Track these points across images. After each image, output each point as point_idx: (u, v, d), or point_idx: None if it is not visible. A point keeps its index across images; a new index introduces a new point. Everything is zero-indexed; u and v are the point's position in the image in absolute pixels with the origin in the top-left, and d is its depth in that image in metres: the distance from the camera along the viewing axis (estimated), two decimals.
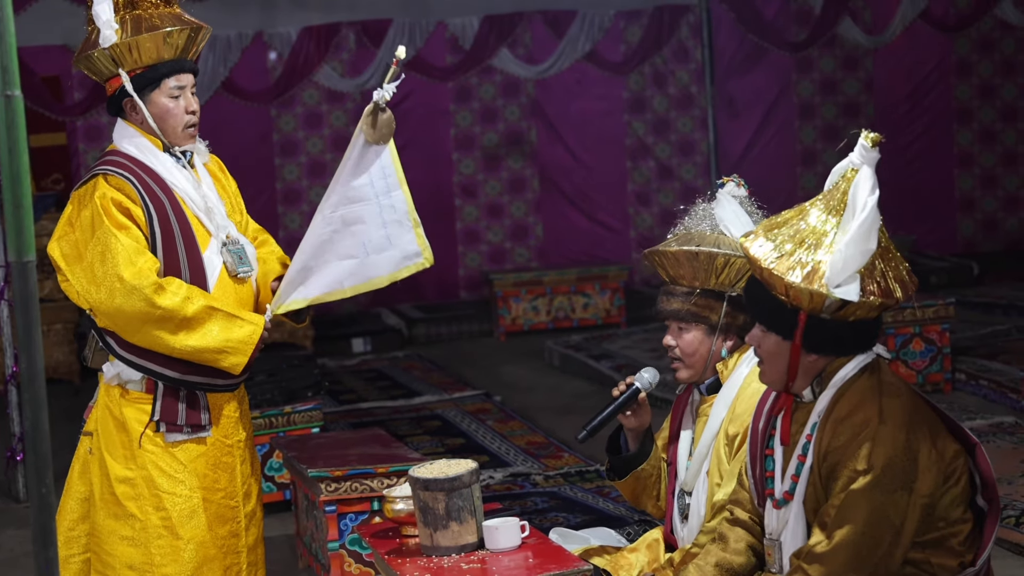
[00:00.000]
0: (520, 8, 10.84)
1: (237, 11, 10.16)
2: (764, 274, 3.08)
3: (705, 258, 3.59)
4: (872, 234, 3.00)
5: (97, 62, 3.86)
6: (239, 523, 3.98)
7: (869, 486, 3.01)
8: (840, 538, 3.03)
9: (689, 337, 3.66)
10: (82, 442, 3.98)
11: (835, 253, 3.00)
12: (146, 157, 3.90)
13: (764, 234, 3.12)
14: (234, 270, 3.95)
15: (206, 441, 3.92)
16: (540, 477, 6.61)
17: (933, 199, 11.68)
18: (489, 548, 3.49)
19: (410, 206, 3.94)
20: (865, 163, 3.04)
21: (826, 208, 3.08)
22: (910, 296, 3.07)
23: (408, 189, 3.94)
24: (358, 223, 3.92)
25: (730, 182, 3.74)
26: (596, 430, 3.71)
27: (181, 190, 3.91)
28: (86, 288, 3.79)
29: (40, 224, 8.66)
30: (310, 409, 6.45)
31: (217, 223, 3.94)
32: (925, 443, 3.05)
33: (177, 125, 3.91)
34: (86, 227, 3.80)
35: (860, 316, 3.06)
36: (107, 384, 3.92)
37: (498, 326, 10.45)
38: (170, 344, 3.79)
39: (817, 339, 3.09)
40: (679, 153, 11.65)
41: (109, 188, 3.80)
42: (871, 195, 3.00)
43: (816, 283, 3.00)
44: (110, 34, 3.80)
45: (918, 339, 7.59)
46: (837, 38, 11.29)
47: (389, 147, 3.92)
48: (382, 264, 3.95)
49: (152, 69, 3.86)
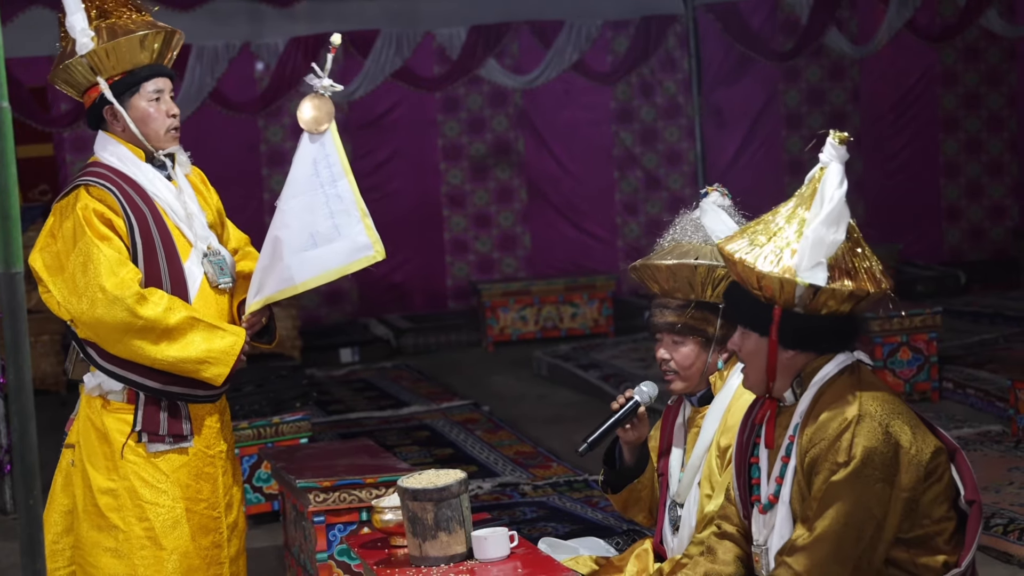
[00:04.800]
0: (507, 18, 10.85)
1: (224, 22, 10.15)
2: (738, 267, 3.13)
3: (704, 271, 3.57)
4: (840, 224, 3.07)
5: (75, 72, 3.86)
6: (221, 534, 3.97)
7: (850, 477, 3.03)
8: (822, 529, 3.05)
9: (685, 350, 3.64)
10: (64, 454, 3.96)
11: (802, 240, 3.06)
12: (127, 168, 3.89)
13: (739, 234, 3.20)
14: (215, 281, 3.94)
15: (188, 451, 3.90)
16: (529, 487, 6.61)
17: (919, 208, 11.71)
18: (478, 558, 3.48)
19: (357, 196, 3.85)
20: (834, 159, 3.13)
21: (797, 203, 3.15)
22: (884, 293, 3.10)
23: (354, 179, 3.85)
24: (306, 214, 3.85)
25: (714, 191, 3.74)
26: (596, 444, 3.67)
27: (162, 200, 3.90)
28: (67, 299, 3.78)
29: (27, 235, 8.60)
30: (298, 420, 6.45)
31: (197, 233, 3.93)
32: (905, 436, 3.08)
33: (160, 128, 3.90)
34: (68, 238, 3.80)
35: (833, 308, 3.10)
36: (88, 395, 3.91)
37: (486, 336, 10.45)
38: (151, 355, 3.78)
39: (793, 333, 3.13)
40: (666, 163, 11.68)
41: (91, 199, 3.80)
42: (839, 188, 3.08)
43: (783, 270, 3.05)
44: (87, 41, 3.80)
45: (905, 348, 7.61)
46: (823, 48, 11.32)
47: (332, 136, 3.86)
48: (332, 256, 3.86)
49: (130, 74, 3.86)
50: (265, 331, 4.07)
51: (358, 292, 11.25)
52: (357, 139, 11.13)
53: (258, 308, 3.97)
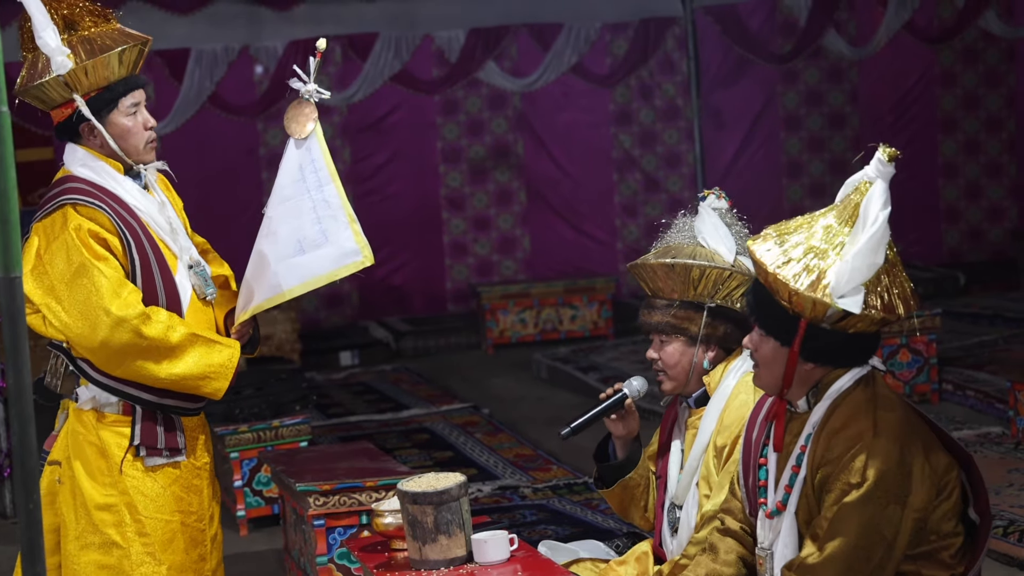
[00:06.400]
0: (506, 21, 10.86)
1: (223, 25, 10.15)
2: (769, 279, 3.08)
3: (681, 270, 3.61)
4: (880, 248, 3.01)
5: (50, 90, 3.73)
6: (206, 546, 3.92)
7: (862, 499, 3.01)
8: (832, 550, 3.03)
9: (670, 349, 3.67)
10: (47, 472, 3.83)
11: (842, 263, 3.00)
12: (106, 182, 3.78)
13: (772, 238, 3.12)
14: (203, 293, 3.87)
15: (180, 465, 3.85)
16: (529, 490, 6.61)
17: (918, 209, 11.71)
18: (478, 561, 3.48)
19: (344, 201, 3.79)
20: (880, 177, 3.06)
21: (837, 218, 3.09)
22: (911, 314, 3.07)
23: (341, 184, 3.80)
24: (293, 220, 3.80)
25: (711, 194, 3.76)
26: (580, 429, 3.72)
27: (146, 214, 3.81)
28: (65, 323, 3.66)
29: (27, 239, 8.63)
30: (298, 423, 6.45)
31: (181, 245, 3.86)
32: (919, 457, 3.05)
33: (139, 143, 3.81)
34: (61, 260, 3.68)
35: (860, 329, 3.07)
36: (79, 409, 3.79)
37: (486, 339, 10.45)
38: (155, 374, 3.71)
39: (816, 348, 3.09)
40: (665, 165, 11.68)
41: (81, 219, 3.69)
42: (883, 210, 3.01)
43: (820, 292, 3.00)
44: (63, 60, 3.67)
45: (905, 350, 7.61)
46: (822, 50, 11.32)
47: (318, 141, 3.82)
48: (319, 263, 3.79)
49: (107, 90, 3.75)
50: (249, 340, 3.99)
51: (358, 295, 11.26)
52: (356, 142, 11.14)
53: (247, 318, 3.90)
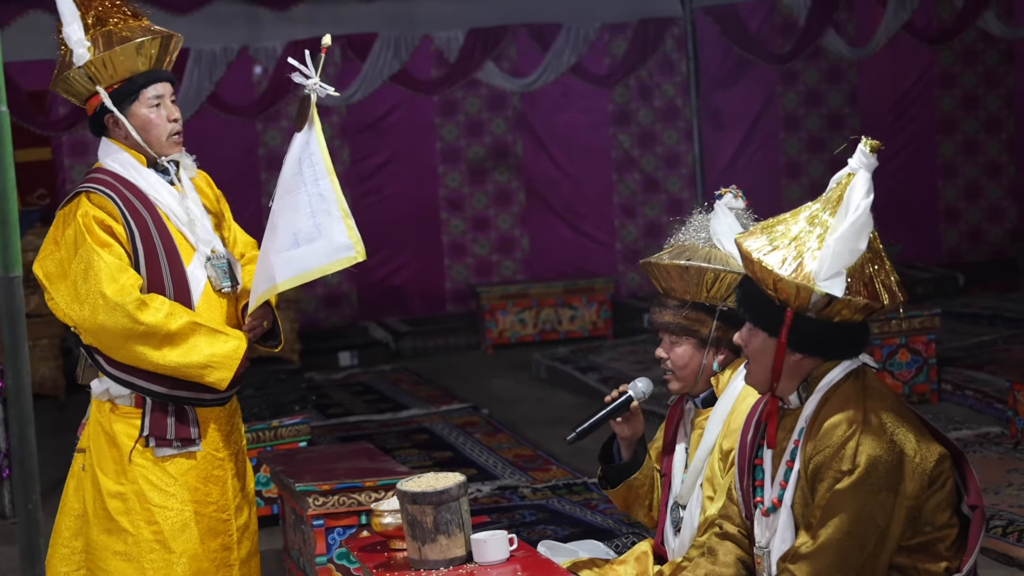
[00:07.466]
0: (505, 21, 10.86)
1: (222, 25, 10.16)
2: (755, 267, 3.11)
3: (695, 272, 3.58)
4: (862, 235, 3.04)
5: (74, 82, 3.88)
6: (231, 536, 3.99)
7: (854, 486, 3.03)
8: (825, 538, 3.05)
9: (680, 350, 3.66)
10: (76, 458, 3.99)
11: (824, 248, 3.04)
12: (129, 173, 3.90)
13: (759, 231, 3.17)
14: (218, 285, 3.95)
15: (196, 455, 3.93)
16: (528, 490, 6.61)
17: (917, 210, 11.71)
18: (477, 561, 3.48)
19: (339, 196, 3.81)
20: (862, 168, 3.09)
21: (821, 208, 3.12)
22: (898, 306, 3.10)
23: (336, 179, 3.82)
24: (290, 213, 3.84)
25: (727, 193, 3.70)
26: (586, 433, 3.71)
27: (164, 205, 3.91)
28: (69, 305, 3.80)
29: (26, 239, 8.63)
30: (297, 423, 6.44)
31: (200, 237, 3.94)
32: (909, 444, 3.07)
33: (161, 135, 3.92)
34: (69, 245, 3.82)
35: (845, 317, 3.09)
36: (97, 399, 3.94)
37: (485, 339, 10.45)
38: (154, 360, 3.81)
39: (802, 337, 3.12)
40: (664, 165, 11.68)
41: (91, 206, 3.82)
42: (865, 198, 3.05)
43: (803, 277, 3.04)
44: (83, 52, 3.81)
45: (904, 350, 7.61)
46: (821, 50, 11.32)
47: (317, 136, 3.85)
48: (312, 256, 3.82)
49: (129, 82, 3.87)
50: (271, 334, 4.08)
51: (357, 295, 11.25)
52: (355, 142, 11.14)
53: (255, 310, 3.97)
